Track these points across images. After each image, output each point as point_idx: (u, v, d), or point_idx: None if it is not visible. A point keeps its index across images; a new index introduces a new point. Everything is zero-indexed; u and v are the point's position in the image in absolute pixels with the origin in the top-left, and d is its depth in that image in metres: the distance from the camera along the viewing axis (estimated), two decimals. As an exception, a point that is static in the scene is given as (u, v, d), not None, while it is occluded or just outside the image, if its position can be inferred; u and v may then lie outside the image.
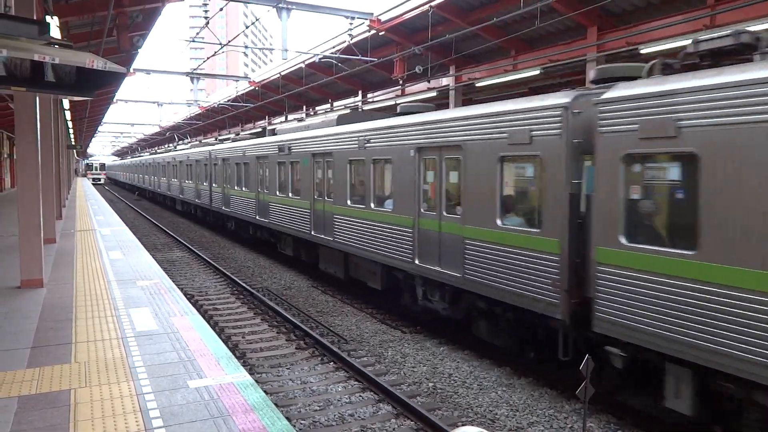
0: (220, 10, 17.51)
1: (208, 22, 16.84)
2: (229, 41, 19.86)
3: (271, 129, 19.93)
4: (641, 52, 13.88)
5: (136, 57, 19.27)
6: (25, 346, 6.72)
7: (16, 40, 4.81)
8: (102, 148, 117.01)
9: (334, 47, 21.99)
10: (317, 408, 7.23)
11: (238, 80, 33.96)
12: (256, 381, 7.89)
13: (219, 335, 10.02)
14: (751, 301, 5.13)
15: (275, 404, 7.05)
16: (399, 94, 23.30)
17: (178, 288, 10.97)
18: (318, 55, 22.27)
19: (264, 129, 33.07)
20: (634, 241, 6.21)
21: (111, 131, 77.70)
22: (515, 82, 18.84)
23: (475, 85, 19.01)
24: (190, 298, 12.88)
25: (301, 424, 6.77)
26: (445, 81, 20.89)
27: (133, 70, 24.43)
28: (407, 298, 10.81)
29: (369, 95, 26.70)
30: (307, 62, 24.74)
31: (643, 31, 13.10)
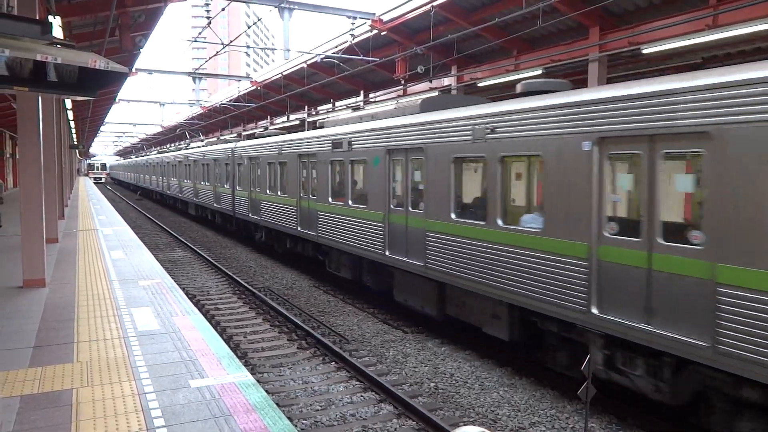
0: (222, 10, 17.52)
1: (210, 22, 16.85)
2: (231, 41, 19.87)
3: (313, 121, 18.07)
4: (643, 52, 13.86)
5: (138, 57, 19.28)
6: (27, 346, 6.73)
7: (19, 40, 4.81)
8: (104, 147, 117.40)
9: (336, 47, 21.99)
10: (319, 408, 7.23)
11: (240, 80, 33.97)
12: (258, 381, 7.89)
13: (221, 335, 10.03)
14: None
15: (277, 404, 7.06)
16: (401, 94, 23.30)
17: (180, 288, 10.99)
18: (320, 55, 22.27)
19: (302, 122, 30.50)
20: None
21: (113, 131, 77.82)
22: (517, 82, 18.80)
23: (477, 85, 19.00)
24: (191, 297, 12.89)
25: (302, 424, 6.78)
26: (446, 81, 20.88)
27: (136, 70, 24.48)
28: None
29: (371, 95, 26.70)
30: (309, 62, 24.75)
31: (645, 32, 13.08)
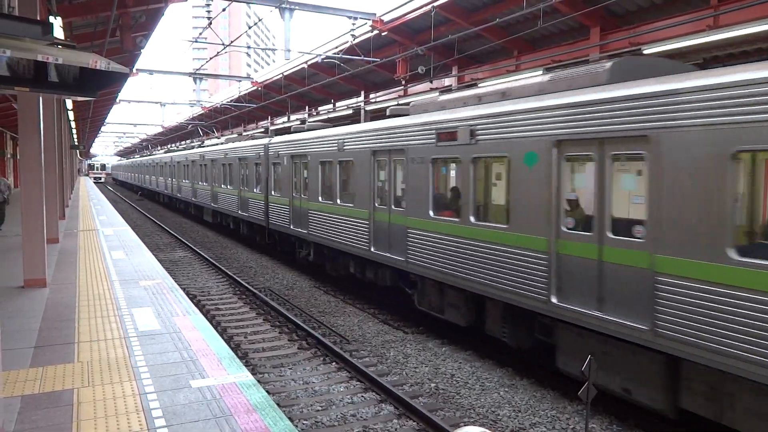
0: (223, 10, 17.52)
1: (210, 23, 16.84)
2: (232, 41, 19.86)
3: (377, 109, 12.36)
4: (644, 53, 13.85)
5: (139, 57, 19.30)
6: (28, 346, 6.73)
7: (20, 41, 4.82)
8: (105, 148, 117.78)
9: (337, 47, 21.99)
10: (319, 408, 7.23)
11: (240, 80, 33.97)
12: (259, 381, 7.89)
13: (221, 335, 10.02)
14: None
15: (277, 404, 7.06)
16: (401, 94, 23.30)
17: (181, 288, 10.99)
18: (320, 55, 22.27)
19: (384, 110, 20.04)
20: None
21: (114, 131, 77.84)
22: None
23: (478, 86, 18.99)
24: (192, 298, 12.89)
25: (303, 424, 6.78)
26: (447, 81, 20.88)
27: (136, 70, 24.47)
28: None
29: (371, 96, 26.70)
30: (309, 62, 24.75)
31: (647, 32, 13.07)
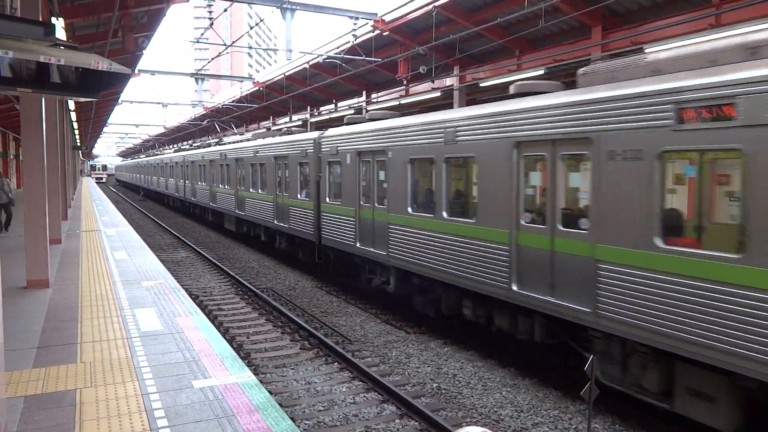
0: (225, 11, 17.54)
1: (212, 23, 16.87)
2: (234, 42, 19.89)
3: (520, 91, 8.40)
4: (646, 52, 13.83)
5: (141, 58, 19.34)
6: (31, 346, 6.75)
7: (22, 42, 4.83)
8: (107, 149, 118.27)
9: (338, 47, 22.00)
10: (321, 408, 7.24)
11: (242, 81, 34.00)
12: (261, 381, 7.90)
13: (224, 335, 10.03)
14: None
15: (280, 404, 7.07)
16: (403, 94, 23.30)
17: (183, 288, 10.99)
18: (322, 55, 22.28)
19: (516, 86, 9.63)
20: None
21: (116, 132, 77.94)
22: (519, 81, 18.79)
23: (479, 85, 18.98)
24: (194, 298, 12.91)
25: (305, 424, 6.78)
26: (449, 81, 20.88)
27: (138, 71, 24.50)
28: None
29: (373, 95, 26.71)
30: (311, 63, 24.76)
31: (648, 31, 13.05)
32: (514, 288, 7.91)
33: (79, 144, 41.37)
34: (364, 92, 27.07)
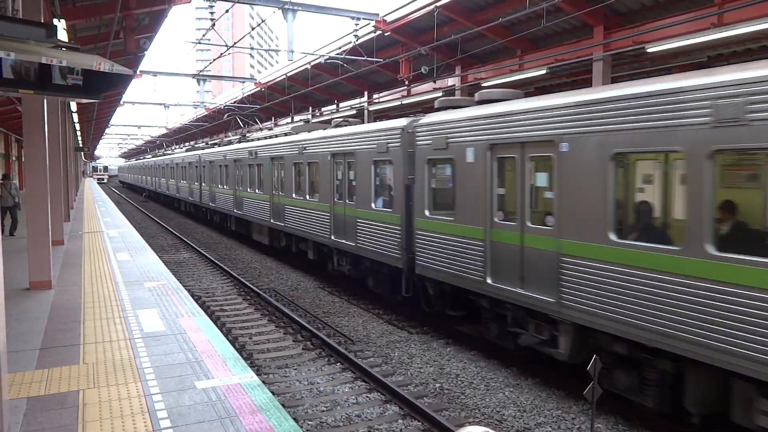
0: (226, 11, 17.55)
1: (214, 24, 16.88)
2: (235, 43, 19.91)
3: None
4: (648, 51, 13.82)
5: (143, 59, 19.37)
6: (34, 348, 6.76)
7: (24, 43, 4.84)
8: (109, 150, 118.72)
9: (340, 48, 22.01)
10: (324, 408, 7.23)
11: (244, 82, 34.02)
12: (263, 382, 7.90)
13: (226, 336, 10.04)
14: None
15: (282, 405, 7.07)
16: (405, 94, 23.30)
17: (185, 289, 11.00)
18: (324, 56, 22.29)
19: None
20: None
21: (118, 133, 78.05)
22: (521, 82, 18.79)
23: (481, 85, 18.98)
24: (197, 299, 12.92)
25: (308, 424, 6.78)
26: (451, 81, 20.87)
27: (140, 72, 24.54)
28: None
29: (375, 96, 26.71)
30: (312, 63, 24.77)
31: (650, 30, 13.04)
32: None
33: (81, 145, 41.39)
34: (366, 93, 27.07)
